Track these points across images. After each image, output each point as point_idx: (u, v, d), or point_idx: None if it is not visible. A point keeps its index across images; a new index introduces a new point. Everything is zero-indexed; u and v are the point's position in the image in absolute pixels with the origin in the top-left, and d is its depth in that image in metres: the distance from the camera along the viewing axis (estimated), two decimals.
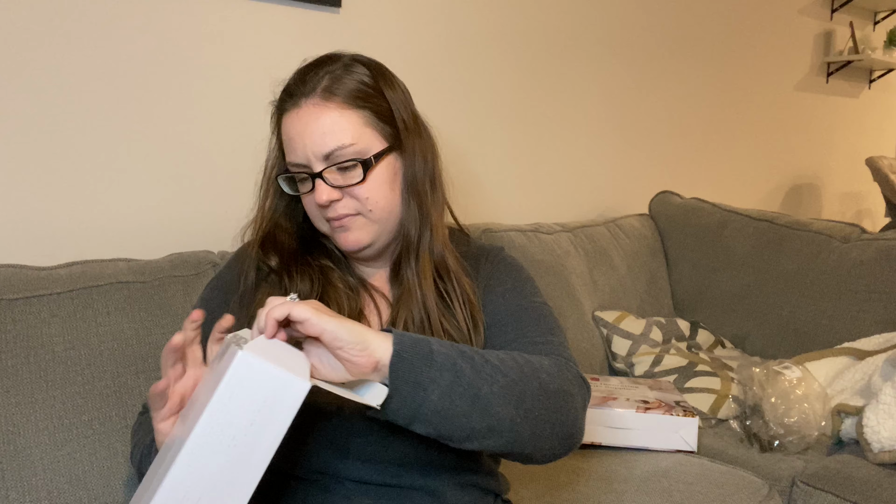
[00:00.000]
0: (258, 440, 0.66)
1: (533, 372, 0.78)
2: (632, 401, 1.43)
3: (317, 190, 0.87)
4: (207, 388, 0.68)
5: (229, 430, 0.65)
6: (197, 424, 0.64)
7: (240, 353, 0.64)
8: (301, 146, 0.87)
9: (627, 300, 1.91)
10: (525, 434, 0.76)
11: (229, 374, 0.64)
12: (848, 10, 3.19)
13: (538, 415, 0.77)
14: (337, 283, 0.94)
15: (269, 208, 0.97)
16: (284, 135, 0.90)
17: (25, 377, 1.04)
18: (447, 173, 0.99)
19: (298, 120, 0.87)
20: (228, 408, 0.64)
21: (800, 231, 1.90)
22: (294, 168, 0.90)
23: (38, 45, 1.23)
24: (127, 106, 1.33)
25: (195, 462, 0.64)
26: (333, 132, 0.86)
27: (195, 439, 0.64)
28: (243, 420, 0.65)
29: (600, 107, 2.22)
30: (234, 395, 0.64)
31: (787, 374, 1.49)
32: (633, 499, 1.21)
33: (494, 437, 0.74)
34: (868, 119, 3.57)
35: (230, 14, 1.42)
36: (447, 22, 1.79)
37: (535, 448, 0.78)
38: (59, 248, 1.28)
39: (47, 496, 1.02)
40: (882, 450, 1.35)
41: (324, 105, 0.87)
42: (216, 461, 0.65)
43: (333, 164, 0.87)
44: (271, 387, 0.65)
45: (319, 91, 0.87)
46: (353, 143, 0.87)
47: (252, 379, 0.65)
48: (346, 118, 0.87)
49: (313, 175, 0.88)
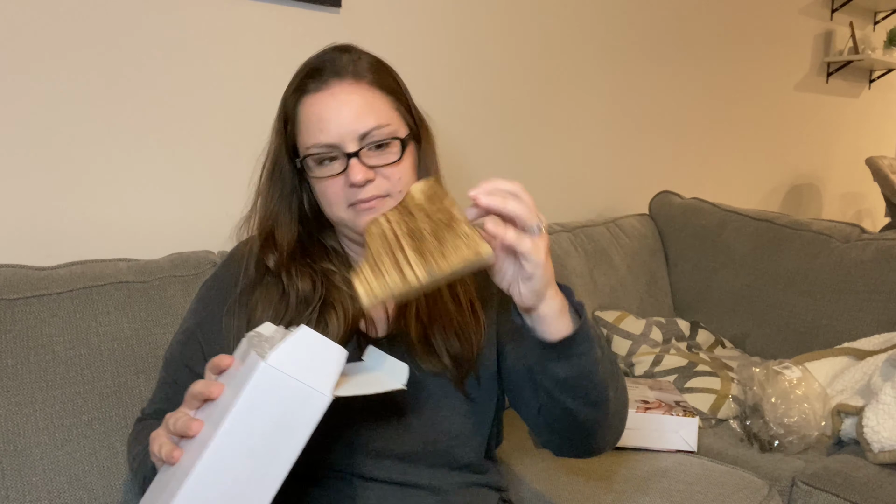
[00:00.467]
0: (277, 451, 0.64)
1: (619, 371, 0.90)
2: (632, 401, 1.43)
3: (352, 169, 0.85)
4: (229, 391, 0.67)
5: (249, 441, 0.63)
6: (217, 434, 0.63)
7: (262, 363, 0.63)
8: (336, 125, 0.85)
9: (627, 300, 1.91)
10: (612, 417, 0.88)
11: (251, 384, 0.63)
12: (848, 10, 3.19)
13: (620, 407, 0.89)
14: (340, 286, 0.92)
15: (269, 201, 0.94)
16: (311, 116, 0.87)
17: (25, 377, 1.04)
18: (445, 173, 0.99)
19: (333, 98, 0.86)
20: (249, 418, 0.63)
21: (800, 231, 1.90)
22: (321, 149, 0.87)
23: (38, 46, 1.23)
24: (127, 106, 1.33)
25: (214, 471, 0.63)
26: (370, 112, 0.86)
27: (215, 448, 0.63)
28: (264, 430, 0.63)
29: (600, 107, 2.22)
30: (256, 405, 0.63)
31: (787, 374, 1.49)
32: (633, 499, 1.21)
33: (600, 408, 0.85)
34: (868, 119, 3.57)
35: (230, 14, 1.42)
36: (447, 22, 1.79)
37: (607, 433, 0.90)
38: (59, 248, 1.28)
39: (47, 496, 1.02)
40: (882, 450, 1.35)
41: (357, 85, 0.87)
42: (235, 471, 0.63)
43: (370, 143, 0.86)
44: (293, 398, 0.64)
45: (350, 72, 0.87)
46: (388, 124, 0.87)
47: (274, 390, 0.63)
48: (379, 100, 0.88)
49: (349, 155, 0.86)
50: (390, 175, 0.87)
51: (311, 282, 0.91)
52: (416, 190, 0.76)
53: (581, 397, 0.83)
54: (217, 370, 0.72)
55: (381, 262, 0.71)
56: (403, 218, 0.74)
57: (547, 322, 0.77)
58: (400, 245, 0.72)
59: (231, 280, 0.96)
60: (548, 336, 0.77)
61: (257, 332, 0.73)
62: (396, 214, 0.75)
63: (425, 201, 0.75)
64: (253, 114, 1.46)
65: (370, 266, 0.72)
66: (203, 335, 0.95)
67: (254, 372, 0.63)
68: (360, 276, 0.71)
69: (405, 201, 0.76)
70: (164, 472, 0.71)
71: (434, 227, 0.72)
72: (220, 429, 0.62)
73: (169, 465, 0.68)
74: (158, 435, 0.72)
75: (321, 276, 0.92)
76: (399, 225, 0.74)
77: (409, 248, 0.72)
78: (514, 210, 0.70)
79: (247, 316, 0.91)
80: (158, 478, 0.71)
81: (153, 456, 0.73)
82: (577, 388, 0.82)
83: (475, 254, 0.70)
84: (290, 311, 0.90)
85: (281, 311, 0.90)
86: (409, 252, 0.71)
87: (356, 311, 0.91)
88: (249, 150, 0.99)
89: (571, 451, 0.93)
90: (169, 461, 0.68)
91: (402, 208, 0.75)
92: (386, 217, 0.75)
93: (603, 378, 0.82)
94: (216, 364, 0.72)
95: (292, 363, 0.64)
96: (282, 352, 0.64)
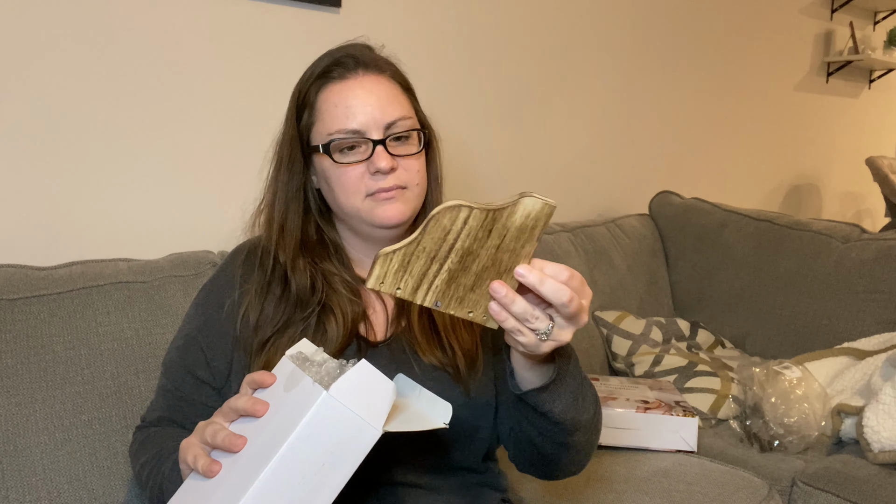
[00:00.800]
0: (326, 480, 0.65)
1: (598, 413, 0.90)
2: (632, 401, 1.43)
3: (378, 156, 0.86)
4: (277, 414, 0.67)
5: (301, 469, 0.64)
6: (271, 460, 0.63)
7: (325, 393, 0.63)
8: (362, 112, 0.87)
9: (627, 300, 1.91)
10: (577, 454, 0.88)
11: (311, 414, 0.63)
12: (848, 10, 3.19)
13: (587, 447, 0.89)
14: (339, 289, 0.92)
15: (282, 193, 0.93)
16: (336, 103, 0.88)
17: (25, 377, 1.04)
18: (446, 173, 0.99)
19: (360, 86, 0.88)
20: (304, 447, 0.63)
21: (800, 231, 1.90)
22: (346, 135, 0.87)
23: (39, 46, 1.23)
24: (127, 106, 1.33)
25: (264, 496, 0.63)
26: (396, 103, 0.89)
27: (267, 475, 0.63)
28: (316, 459, 0.64)
29: (600, 106, 2.22)
30: (312, 434, 0.63)
31: (787, 374, 1.49)
32: (633, 499, 1.21)
33: (565, 450, 0.86)
34: (868, 119, 3.57)
35: (230, 14, 1.42)
36: (447, 22, 1.79)
37: (570, 466, 0.91)
38: (59, 248, 1.28)
39: (47, 496, 1.02)
40: (882, 450, 1.35)
41: (382, 77, 0.90)
42: (283, 498, 0.64)
43: (394, 134, 0.87)
44: (347, 430, 0.64)
45: (374, 65, 0.90)
46: (410, 117, 0.90)
47: (331, 421, 0.64)
48: (401, 94, 0.91)
49: (375, 142, 0.86)
50: (410, 167, 0.89)
51: (311, 282, 0.91)
52: (527, 207, 0.67)
53: (547, 437, 0.84)
54: (256, 386, 0.72)
55: (415, 262, 0.68)
56: (479, 231, 0.67)
57: (518, 374, 0.79)
58: (444, 260, 0.68)
59: (229, 282, 0.95)
60: (519, 385, 0.80)
61: (299, 351, 0.73)
62: (478, 221, 0.67)
63: (516, 230, 0.67)
64: (253, 113, 1.46)
65: (401, 258, 0.68)
66: (205, 340, 0.94)
67: (314, 400, 0.63)
68: (386, 262, 0.68)
69: (504, 213, 0.67)
70: (196, 481, 0.70)
71: (486, 266, 0.69)
72: (275, 455, 0.63)
73: (205, 477, 0.68)
74: (192, 445, 0.72)
75: (321, 278, 0.92)
76: (467, 237, 0.67)
77: (446, 270, 0.68)
78: (548, 293, 0.67)
79: (246, 316, 0.91)
80: (190, 486, 0.71)
81: (183, 463, 0.73)
82: (542, 428, 0.83)
83: (482, 321, 0.71)
84: (289, 311, 0.90)
85: (279, 312, 0.90)
86: (442, 275, 0.69)
87: (355, 315, 0.91)
88: (250, 150, 0.99)
89: (534, 473, 0.95)
90: (207, 475, 0.68)
91: (491, 218, 0.67)
92: (468, 216, 0.67)
93: (572, 424, 0.82)
94: (257, 380, 0.72)
95: (352, 396, 0.64)
96: (344, 383, 0.64)
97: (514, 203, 0.67)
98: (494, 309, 0.68)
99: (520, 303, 0.67)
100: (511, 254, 0.68)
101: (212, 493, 0.66)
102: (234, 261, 0.98)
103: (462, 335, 0.91)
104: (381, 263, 0.68)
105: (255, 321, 0.90)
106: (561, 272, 0.67)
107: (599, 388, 1.51)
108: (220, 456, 0.69)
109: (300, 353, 0.73)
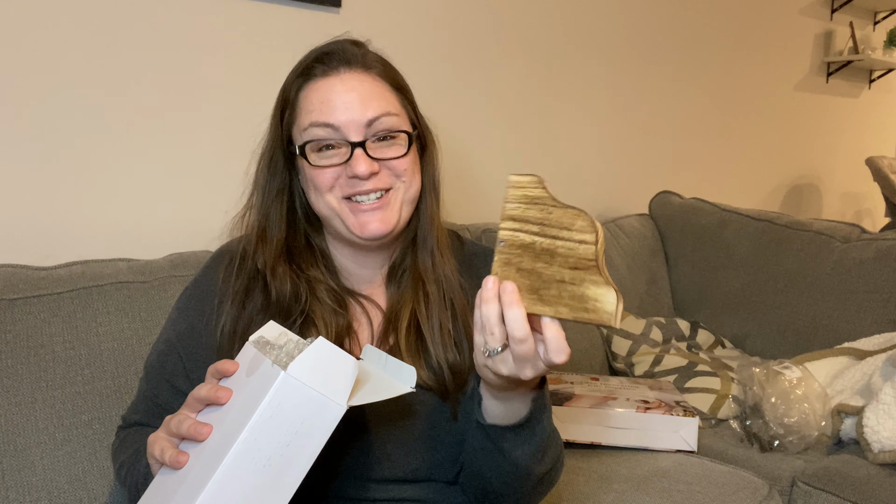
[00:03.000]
0: (292, 460, 0.65)
1: (556, 471, 0.87)
2: (632, 401, 1.43)
3: (356, 160, 0.81)
4: (240, 398, 0.66)
5: (266, 451, 0.63)
6: (236, 442, 0.62)
7: (283, 373, 0.63)
8: (342, 109, 0.81)
9: (627, 300, 1.91)
10: (528, 499, 0.86)
11: (270, 395, 0.62)
12: (848, 10, 3.19)
13: (537, 495, 0.87)
14: (324, 299, 0.88)
15: (264, 195, 0.90)
16: (315, 99, 0.83)
17: (25, 377, 1.04)
18: (447, 173, 0.98)
19: (340, 83, 0.83)
20: (266, 428, 0.63)
21: (800, 231, 1.90)
22: (321, 129, 0.82)
23: (39, 46, 1.23)
24: (127, 106, 1.33)
25: (231, 479, 0.63)
26: (379, 99, 0.83)
27: (234, 457, 0.62)
28: (281, 439, 0.64)
29: (600, 107, 2.22)
30: (274, 415, 0.63)
31: (787, 374, 1.49)
32: (633, 499, 1.21)
33: (511, 492, 0.84)
34: (868, 119, 3.57)
35: (230, 14, 1.42)
36: (447, 22, 1.79)
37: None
38: (59, 248, 1.28)
39: (47, 496, 1.02)
40: (882, 450, 1.35)
41: (367, 73, 0.84)
42: (250, 481, 0.63)
43: (377, 133, 0.82)
44: (310, 408, 0.64)
45: (360, 62, 0.85)
46: (397, 114, 0.84)
47: (292, 400, 0.63)
48: (388, 92, 0.85)
49: (354, 144, 0.82)
50: (395, 168, 0.84)
51: (293, 289, 0.87)
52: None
53: (497, 473, 0.81)
54: (220, 375, 0.71)
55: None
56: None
57: (484, 404, 0.77)
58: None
59: (211, 287, 0.91)
60: (484, 414, 0.77)
61: (262, 335, 0.72)
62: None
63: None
64: (253, 113, 1.46)
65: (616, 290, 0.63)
66: (183, 348, 0.90)
67: (273, 381, 0.63)
68: (620, 299, 0.62)
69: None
70: (165, 475, 0.69)
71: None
72: (237, 438, 0.62)
73: (173, 469, 0.68)
74: (159, 438, 0.71)
75: (306, 285, 0.88)
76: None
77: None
78: (509, 318, 0.65)
79: (225, 325, 0.87)
80: (159, 481, 0.70)
81: (151, 458, 0.71)
82: (496, 464, 0.80)
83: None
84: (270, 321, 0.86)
85: (259, 322, 0.84)
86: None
87: (339, 328, 0.87)
88: (251, 150, 0.98)
89: (474, 499, 0.90)
90: (175, 466, 0.67)
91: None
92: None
93: (526, 471, 0.80)
94: (220, 369, 0.71)
95: (311, 374, 0.64)
96: (301, 362, 0.64)
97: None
98: (477, 299, 0.66)
99: (487, 308, 0.65)
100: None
101: (179, 484, 0.66)
102: (215, 264, 0.94)
103: (450, 353, 0.87)
104: (620, 302, 0.62)
105: (231, 330, 0.86)
106: (550, 327, 0.64)
107: (599, 388, 1.51)
108: (187, 447, 0.68)
109: (262, 338, 0.72)
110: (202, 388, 0.70)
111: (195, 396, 0.70)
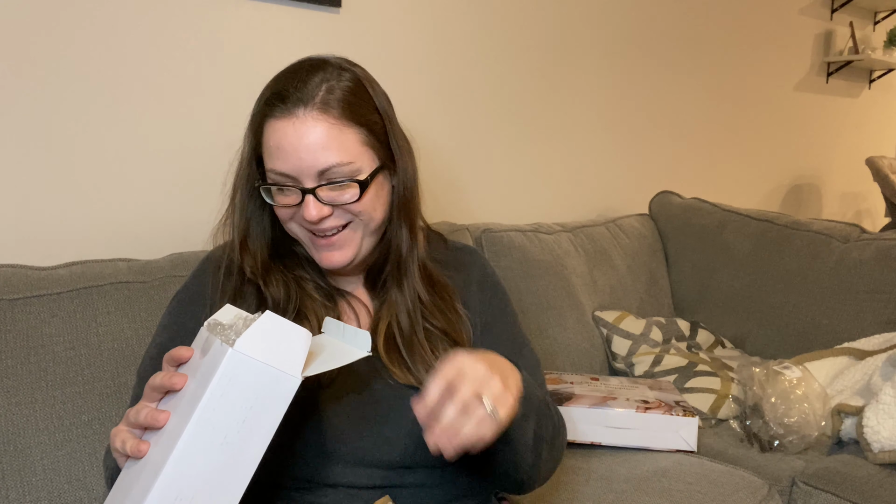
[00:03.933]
0: (250, 437, 0.65)
1: (560, 429, 0.93)
2: (632, 401, 1.43)
3: (307, 206, 0.83)
4: (194, 381, 0.66)
5: (222, 428, 0.64)
6: (189, 423, 0.62)
7: (230, 350, 0.63)
8: (295, 159, 0.82)
9: (627, 300, 1.91)
10: (541, 470, 0.91)
11: (220, 372, 0.63)
12: (848, 10, 3.19)
13: (550, 465, 0.93)
14: (313, 294, 0.91)
15: (242, 205, 0.92)
16: (271, 142, 0.84)
17: (25, 377, 1.04)
18: (447, 173, 0.98)
19: (293, 130, 0.82)
20: (220, 405, 0.63)
21: (800, 231, 1.90)
22: (278, 177, 0.84)
23: (38, 46, 1.23)
24: (127, 106, 1.33)
25: (188, 461, 0.63)
26: (332, 148, 0.82)
27: (188, 438, 0.62)
28: (235, 417, 0.64)
29: (600, 107, 2.22)
30: (226, 393, 0.63)
31: (787, 374, 1.49)
32: (633, 499, 1.20)
33: (500, 481, 0.91)
34: (868, 119, 3.57)
35: (230, 14, 1.42)
36: (447, 22, 1.79)
37: (537, 480, 0.93)
38: (59, 248, 1.28)
39: (47, 496, 1.02)
40: (882, 450, 1.35)
41: (322, 118, 0.82)
42: (209, 460, 0.64)
43: (328, 182, 0.83)
44: (262, 383, 0.64)
45: (318, 102, 0.83)
46: (350, 162, 0.83)
47: (243, 376, 0.63)
48: (345, 135, 0.83)
49: (304, 190, 0.83)
50: (350, 209, 0.86)
51: (285, 289, 0.90)
52: None
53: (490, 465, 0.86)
54: (176, 362, 0.71)
55: None
56: None
57: None
58: None
59: (202, 292, 0.93)
60: None
61: (216, 319, 0.72)
62: None
63: None
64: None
65: None
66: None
67: (222, 359, 0.63)
68: None
69: None
70: (130, 466, 0.69)
71: None
72: (191, 418, 0.62)
73: (135, 458, 0.68)
74: (120, 431, 0.71)
75: (294, 284, 0.91)
76: None
77: None
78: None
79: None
80: (125, 473, 0.70)
81: (115, 452, 0.71)
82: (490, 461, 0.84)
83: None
84: None
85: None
86: None
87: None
88: None
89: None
90: (136, 455, 0.67)
91: None
92: None
93: (514, 465, 0.84)
94: (175, 356, 0.71)
95: (260, 348, 0.64)
96: (248, 337, 0.64)
97: None
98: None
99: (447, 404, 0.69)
100: None
101: (140, 472, 0.66)
102: (204, 271, 0.96)
103: (434, 359, 0.89)
104: None
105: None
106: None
107: (599, 388, 1.51)
108: (149, 436, 0.69)
109: (215, 321, 0.72)
110: (157, 376, 0.70)
111: (151, 385, 0.70)
